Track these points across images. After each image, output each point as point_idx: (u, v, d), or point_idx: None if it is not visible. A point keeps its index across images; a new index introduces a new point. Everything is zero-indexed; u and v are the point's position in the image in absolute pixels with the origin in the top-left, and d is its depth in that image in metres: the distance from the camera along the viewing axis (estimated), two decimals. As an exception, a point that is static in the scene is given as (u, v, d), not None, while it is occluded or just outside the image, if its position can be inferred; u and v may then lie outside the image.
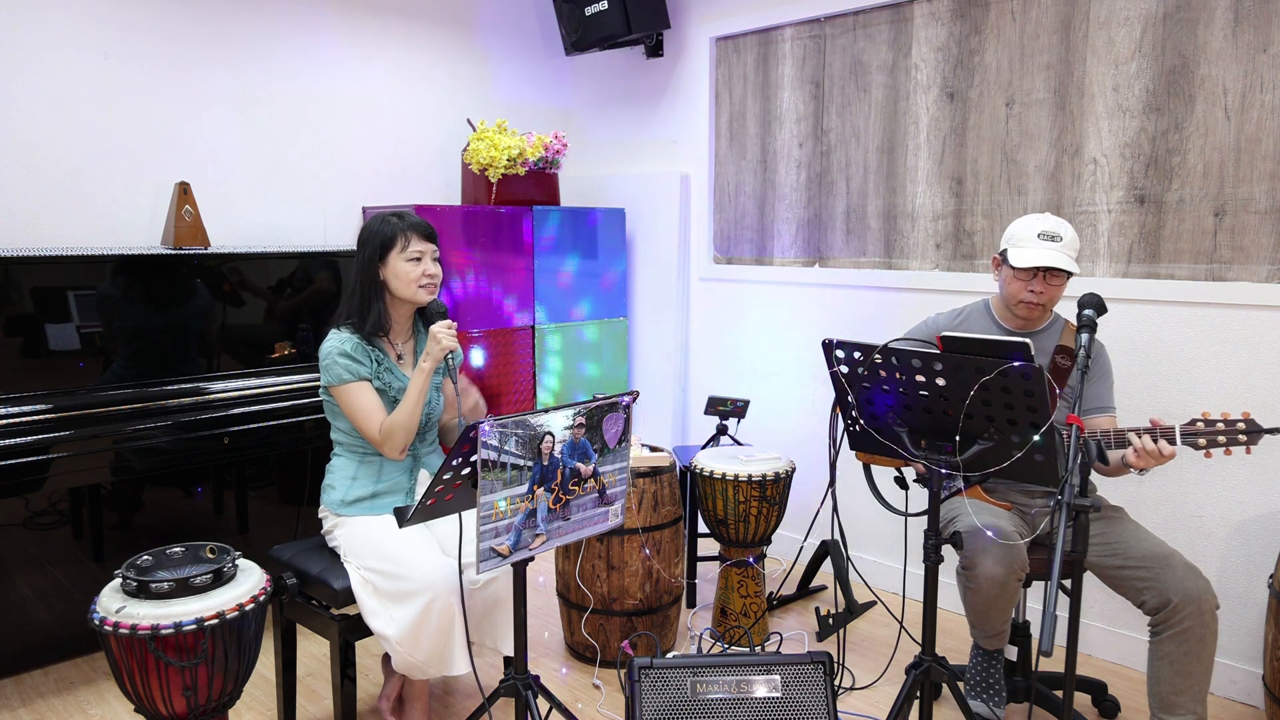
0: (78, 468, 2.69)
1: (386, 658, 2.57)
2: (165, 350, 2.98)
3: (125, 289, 2.89)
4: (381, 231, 2.36)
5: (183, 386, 2.98)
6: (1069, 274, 2.32)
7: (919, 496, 2.23)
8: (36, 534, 2.73)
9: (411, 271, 2.35)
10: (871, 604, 3.37)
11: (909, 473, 2.40)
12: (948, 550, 2.31)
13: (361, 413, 2.32)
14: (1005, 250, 2.40)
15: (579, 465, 1.95)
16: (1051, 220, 2.35)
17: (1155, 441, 2.07)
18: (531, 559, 1.94)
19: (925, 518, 2.06)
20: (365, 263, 2.37)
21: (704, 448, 3.28)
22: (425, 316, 2.42)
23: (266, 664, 2.76)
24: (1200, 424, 2.07)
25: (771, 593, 3.38)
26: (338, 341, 2.33)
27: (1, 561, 2.68)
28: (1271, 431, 2.03)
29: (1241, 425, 2.03)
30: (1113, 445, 2.16)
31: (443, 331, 2.27)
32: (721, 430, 3.43)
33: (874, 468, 2.57)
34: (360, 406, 2.31)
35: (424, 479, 2.47)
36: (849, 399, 2.05)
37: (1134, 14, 2.81)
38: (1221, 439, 2.05)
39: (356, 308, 2.38)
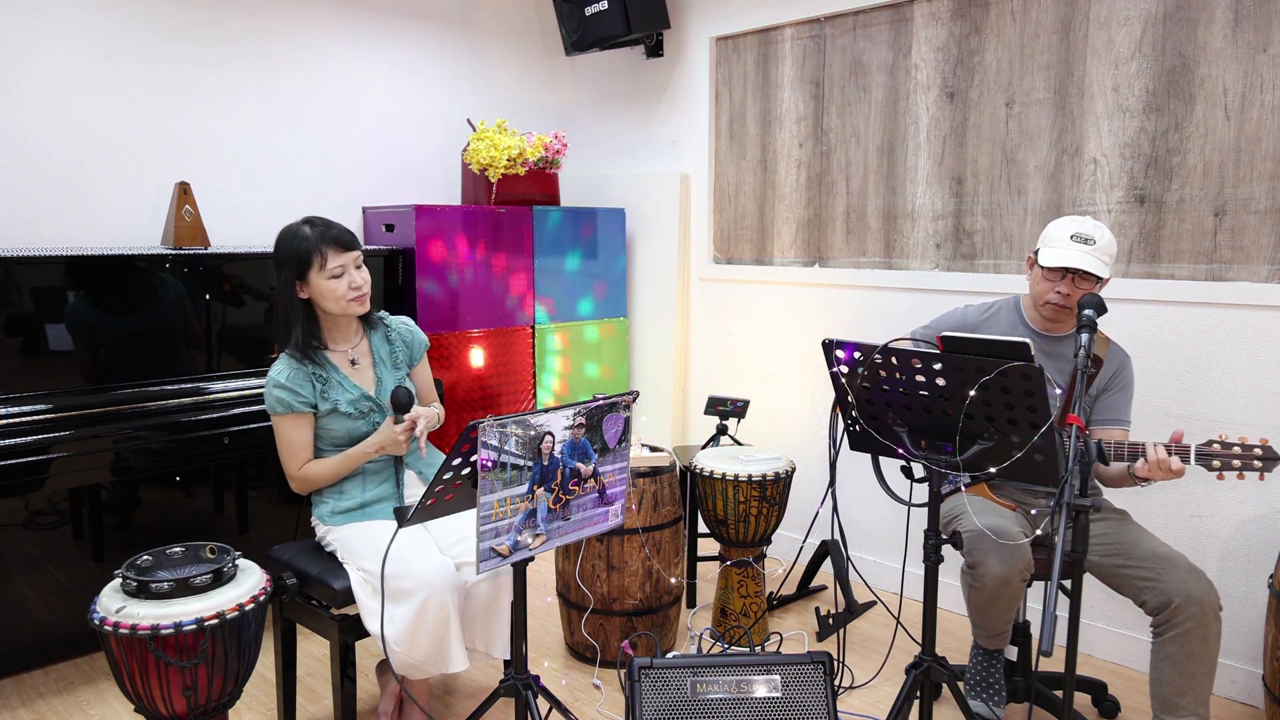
0: (77, 468, 2.69)
1: (382, 665, 2.56)
2: (165, 350, 2.98)
3: (126, 289, 2.88)
4: (295, 250, 2.25)
5: (183, 386, 2.98)
6: (1099, 279, 2.29)
7: (924, 489, 2.22)
8: (36, 534, 2.73)
9: (337, 289, 2.27)
10: (871, 604, 3.37)
11: (918, 466, 2.39)
12: (948, 550, 2.30)
13: (286, 447, 2.32)
14: (1039, 249, 2.38)
15: (579, 465, 1.95)
16: (1089, 224, 2.31)
17: (1169, 455, 2.04)
18: (531, 559, 1.94)
19: (926, 518, 2.06)
20: (284, 284, 2.28)
21: (704, 448, 3.28)
22: (394, 403, 2.27)
23: (266, 664, 2.76)
24: (1217, 445, 2.03)
25: (771, 593, 3.38)
26: (275, 372, 2.30)
27: (1, 561, 2.67)
28: None
29: (1258, 451, 1.98)
30: (1125, 457, 2.14)
31: (403, 435, 2.26)
32: (721, 430, 3.43)
33: (882, 457, 2.56)
34: (286, 440, 2.32)
35: (411, 480, 2.47)
36: (849, 399, 2.05)
37: (1134, 14, 2.81)
38: (1236, 463, 2.00)
39: (283, 331, 2.32)
